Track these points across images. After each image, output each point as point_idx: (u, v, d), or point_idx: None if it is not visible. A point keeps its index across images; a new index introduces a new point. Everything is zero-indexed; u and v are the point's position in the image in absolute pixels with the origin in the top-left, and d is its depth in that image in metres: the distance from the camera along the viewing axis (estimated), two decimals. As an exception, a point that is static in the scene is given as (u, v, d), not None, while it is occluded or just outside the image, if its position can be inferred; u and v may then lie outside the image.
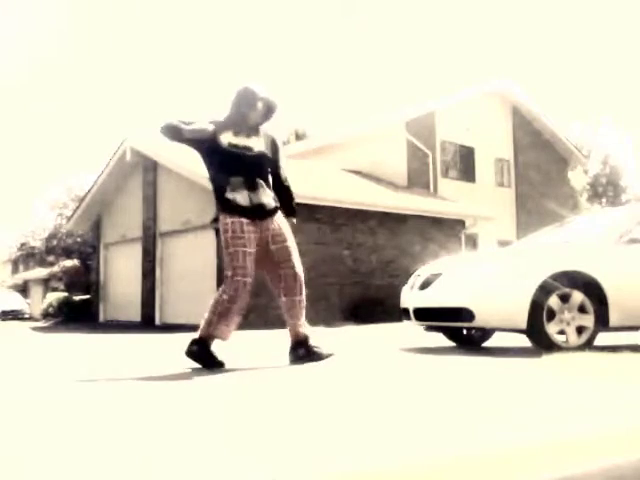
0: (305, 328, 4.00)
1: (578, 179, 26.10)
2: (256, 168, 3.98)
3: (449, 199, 16.98)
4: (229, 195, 3.86)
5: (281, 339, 4.09)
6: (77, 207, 18.10)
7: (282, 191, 4.13)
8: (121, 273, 16.61)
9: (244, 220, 3.83)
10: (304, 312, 4.02)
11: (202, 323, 3.93)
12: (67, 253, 25.59)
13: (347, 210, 13.41)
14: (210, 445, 1.78)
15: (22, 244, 28.76)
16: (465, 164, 18.87)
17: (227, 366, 3.85)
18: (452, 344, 5.81)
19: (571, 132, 27.99)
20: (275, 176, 4.13)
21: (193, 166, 13.10)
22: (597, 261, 4.89)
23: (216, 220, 4.04)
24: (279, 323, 4.22)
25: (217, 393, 3.01)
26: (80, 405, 2.67)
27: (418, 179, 17.54)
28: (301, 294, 3.99)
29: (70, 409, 2.57)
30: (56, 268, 26.04)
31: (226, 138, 3.93)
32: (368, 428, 2.01)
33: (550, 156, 20.94)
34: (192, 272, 13.36)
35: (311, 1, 62.31)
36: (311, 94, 57.84)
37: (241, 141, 3.96)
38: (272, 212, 3.98)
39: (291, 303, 3.96)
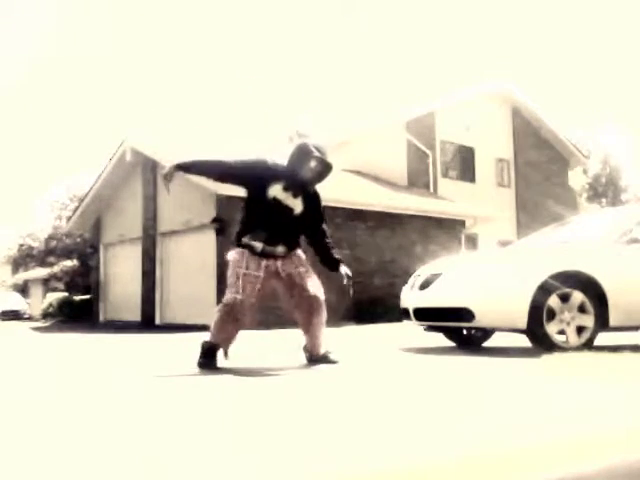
0: (322, 346, 4.10)
1: (578, 179, 26.12)
2: (287, 229, 4.01)
3: (449, 199, 16.98)
4: (245, 240, 3.93)
5: (282, 340, 4.09)
6: (77, 207, 18.09)
7: (324, 247, 4.17)
8: (121, 273, 16.60)
9: (247, 252, 3.92)
10: (322, 332, 4.09)
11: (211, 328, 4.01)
12: (67, 253, 25.57)
13: (347, 210, 13.40)
14: (220, 445, 1.78)
15: (21, 245, 28.75)
16: (465, 164, 18.86)
17: (239, 365, 3.88)
18: (452, 344, 5.81)
19: (571, 132, 28.00)
20: (317, 232, 4.17)
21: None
22: (597, 261, 4.89)
23: (216, 220, 4.05)
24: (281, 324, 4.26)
25: (226, 393, 3.00)
26: (88, 405, 2.67)
27: (418, 179, 17.54)
28: (319, 316, 4.02)
29: (80, 409, 2.57)
30: (56, 268, 26.03)
31: (274, 190, 3.95)
32: (368, 428, 2.01)
33: (550, 156, 20.94)
34: (192, 272, 13.35)
35: (311, 0, 62.35)
36: (311, 94, 57.85)
37: (287, 199, 3.98)
38: (280, 255, 4.01)
39: (309, 325, 4.03)
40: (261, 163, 4.01)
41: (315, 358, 4.09)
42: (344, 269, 4.12)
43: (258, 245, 3.91)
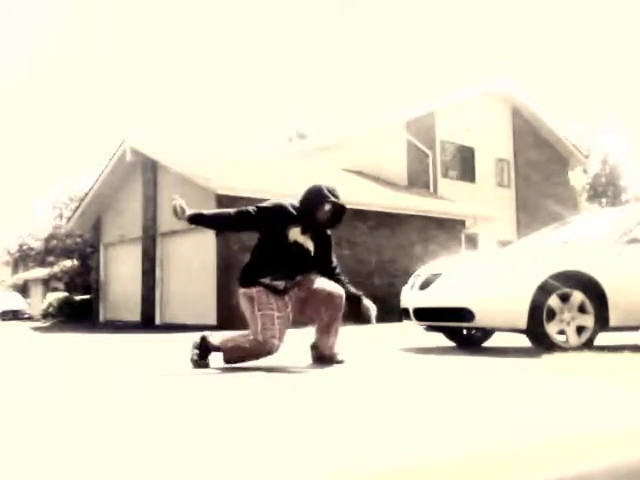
0: (334, 347, 4.14)
1: (578, 179, 26.12)
2: (303, 269, 4.09)
3: (449, 199, 16.98)
4: (266, 280, 3.94)
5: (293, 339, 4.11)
6: (77, 207, 18.08)
7: (336, 281, 4.22)
8: (121, 273, 16.60)
9: (270, 291, 3.95)
10: (338, 331, 4.14)
11: (225, 338, 4.04)
12: (67, 253, 25.55)
13: (347, 210, 13.39)
14: (220, 444, 1.78)
15: (21, 244, 28.73)
16: (465, 164, 18.86)
17: (243, 365, 3.89)
18: (452, 344, 5.81)
19: (571, 132, 27.98)
20: (329, 268, 4.25)
21: (193, 166, 13.13)
22: (597, 261, 4.89)
23: None
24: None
25: (229, 393, 3.00)
26: (88, 405, 2.67)
27: (418, 179, 17.54)
28: (339, 313, 4.09)
29: (79, 408, 2.57)
30: (56, 268, 26.02)
31: (294, 234, 4.04)
32: (368, 428, 2.01)
33: (550, 156, 20.93)
34: (192, 272, 13.36)
35: (311, 0, 62.33)
36: (311, 94, 57.85)
37: (305, 241, 4.08)
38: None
39: (330, 323, 4.07)
40: (279, 207, 4.08)
41: (321, 356, 4.13)
42: (367, 301, 4.25)
43: (280, 284, 3.95)
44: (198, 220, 4.07)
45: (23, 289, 33.18)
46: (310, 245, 4.10)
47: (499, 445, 1.71)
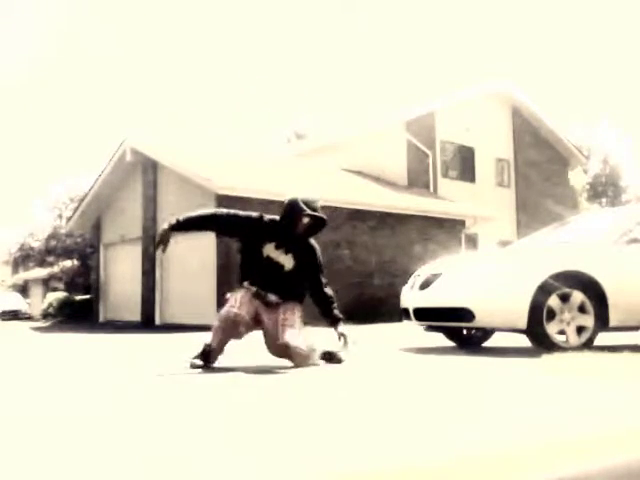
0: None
1: (578, 179, 26.11)
2: (279, 283, 4.13)
3: (449, 199, 16.98)
4: (246, 284, 4.08)
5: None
6: (77, 207, 18.08)
7: (324, 300, 4.26)
8: (121, 273, 16.60)
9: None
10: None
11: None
12: (67, 253, 25.54)
13: (347, 210, 13.40)
14: (220, 444, 1.78)
15: (21, 245, 28.72)
16: (465, 164, 18.86)
17: (242, 365, 3.89)
18: (452, 344, 5.81)
19: (571, 132, 27.98)
20: (316, 285, 4.27)
21: (193, 166, 13.13)
22: (597, 261, 4.89)
23: None
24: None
25: (230, 392, 3.00)
26: (87, 404, 2.67)
27: (418, 179, 17.54)
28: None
29: (78, 408, 2.57)
30: (56, 268, 26.01)
31: (267, 249, 4.13)
32: (368, 428, 2.01)
33: (550, 156, 20.94)
34: (192, 272, 13.35)
35: (312, 1, 62.32)
36: (311, 94, 57.84)
37: (278, 256, 4.14)
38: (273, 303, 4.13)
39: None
40: (256, 220, 4.17)
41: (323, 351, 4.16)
42: (341, 329, 4.18)
43: (253, 289, 4.06)
44: (179, 227, 4.08)
45: (23, 289, 33.18)
46: (286, 260, 4.15)
47: (499, 445, 1.71)
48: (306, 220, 4.11)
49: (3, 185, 61.10)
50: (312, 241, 4.30)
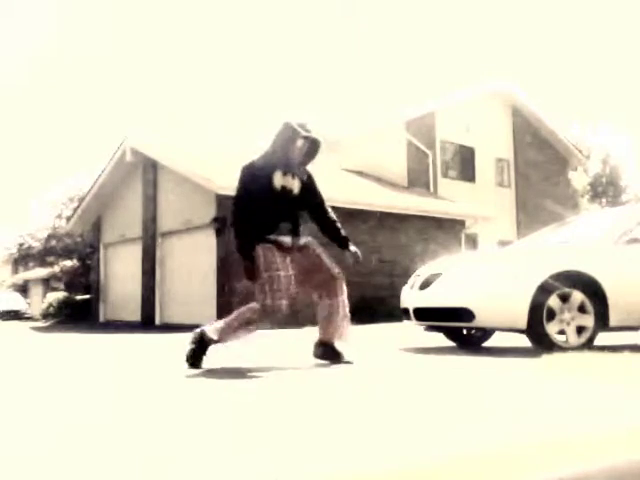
0: (336, 335, 4.05)
1: (578, 179, 26.10)
2: (298, 212, 4.03)
3: (449, 199, 16.97)
4: (272, 237, 3.88)
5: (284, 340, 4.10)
6: (77, 207, 18.09)
7: (330, 225, 4.16)
8: (121, 273, 16.60)
9: (275, 249, 3.87)
10: (339, 317, 4.04)
11: (219, 325, 3.94)
12: (67, 253, 25.55)
13: (347, 210, 13.40)
14: (220, 444, 1.78)
15: (20, 245, 28.73)
16: (465, 164, 18.86)
17: (242, 365, 3.88)
18: (452, 344, 5.81)
19: (571, 132, 27.97)
20: (320, 210, 4.17)
21: (193, 166, 13.13)
22: (597, 261, 4.89)
23: (216, 220, 4.05)
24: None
25: (230, 392, 3.00)
26: (86, 404, 2.67)
27: (418, 179, 17.54)
28: (337, 296, 3.99)
29: (77, 407, 2.56)
30: (56, 268, 26.01)
31: (278, 180, 3.94)
32: (367, 428, 2.01)
33: (550, 156, 20.94)
34: (192, 272, 13.35)
35: (312, 1, 62.32)
36: (311, 94, 57.83)
37: (288, 182, 3.97)
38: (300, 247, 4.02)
39: (328, 306, 3.99)
40: (251, 166, 3.99)
41: (323, 341, 4.05)
42: (353, 248, 4.12)
43: (287, 240, 3.90)
44: (247, 255, 3.90)
45: (23, 289, 33.18)
46: (293, 185, 3.99)
47: (499, 445, 1.71)
48: (300, 143, 3.97)
49: (3, 185, 61.12)
50: (308, 169, 4.17)
